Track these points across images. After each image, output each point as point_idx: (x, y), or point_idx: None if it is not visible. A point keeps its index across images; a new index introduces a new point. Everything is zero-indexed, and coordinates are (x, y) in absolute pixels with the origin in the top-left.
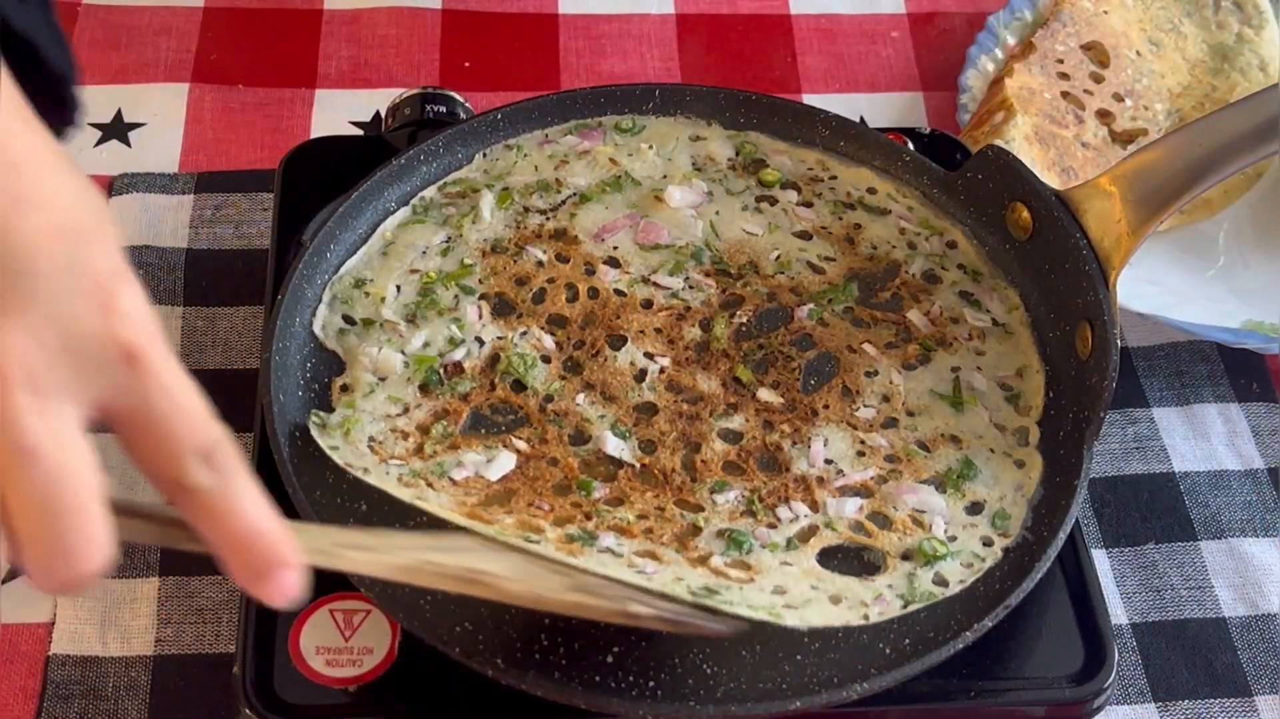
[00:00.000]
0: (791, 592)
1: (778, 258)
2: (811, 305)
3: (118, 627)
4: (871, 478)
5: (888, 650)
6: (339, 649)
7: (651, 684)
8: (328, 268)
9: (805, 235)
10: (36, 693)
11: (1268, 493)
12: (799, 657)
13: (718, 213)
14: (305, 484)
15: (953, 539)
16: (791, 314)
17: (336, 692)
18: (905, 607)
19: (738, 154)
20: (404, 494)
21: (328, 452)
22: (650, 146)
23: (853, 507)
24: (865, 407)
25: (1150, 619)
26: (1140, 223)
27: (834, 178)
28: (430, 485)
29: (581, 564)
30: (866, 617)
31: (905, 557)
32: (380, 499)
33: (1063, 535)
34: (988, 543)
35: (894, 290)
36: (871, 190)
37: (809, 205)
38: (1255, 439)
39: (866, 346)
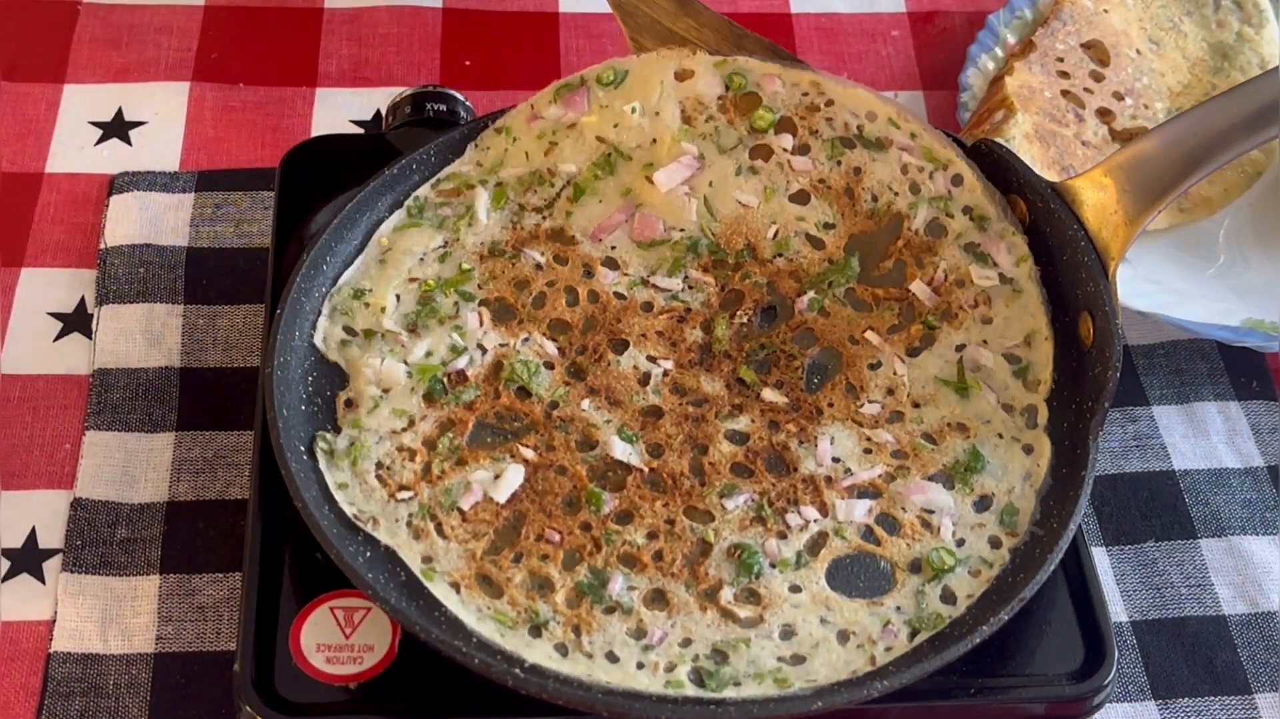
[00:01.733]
0: (800, 633)
1: (775, 235)
2: (812, 294)
3: (118, 624)
4: (880, 475)
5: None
6: (339, 647)
7: (670, 688)
8: (325, 280)
9: (803, 198)
10: (37, 691)
11: (1267, 491)
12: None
13: (711, 184)
14: (314, 498)
15: (961, 543)
16: (792, 307)
17: (337, 689)
18: (913, 637)
19: (727, 89)
20: (413, 556)
21: (335, 491)
22: (634, 109)
23: (862, 509)
24: (870, 402)
25: (1150, 617)
26: (1138, 213)
27: (830, 103)
28: (440, 527)
29: (581, 677)
30: (874, 658)
31: (914, 568)
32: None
33: (1073, 526)
34: (995, 544)
35: (897, 255)
36: (871, 116)
37: (805, 151)
38: (1255, 437)
39: (869, 335)
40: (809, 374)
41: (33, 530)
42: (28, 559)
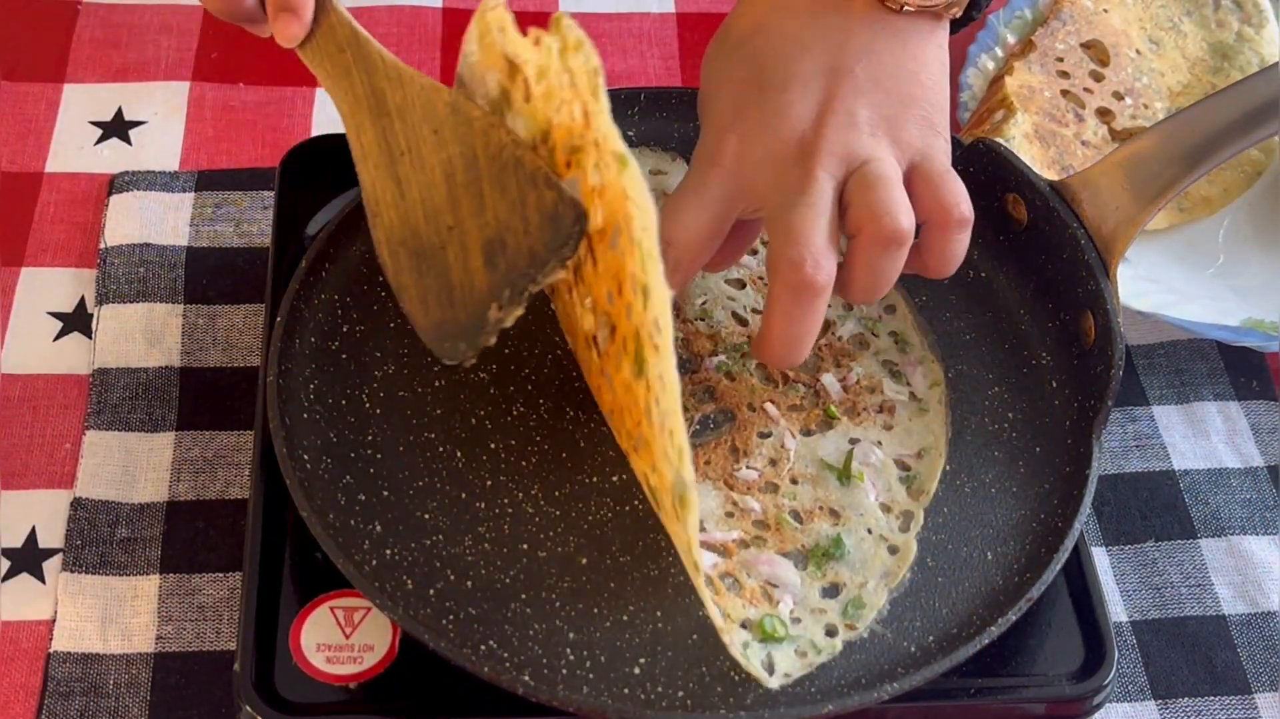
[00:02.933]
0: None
1: (703, 303)
2: (722, 358)
3: (118, 624)
4: (734, 540)
5: (913, 649)
6: (339, 646)
7: (681, 694)
8: (324, 286)
9: (739, 284)
10: (37, 690)
11: (1267, 491)
12: (826, 659)
13: None
14: (318, 507)
15: (796, 621)
16: (700, 364)
17: (337, 689)
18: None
19: None
20: None
21: None
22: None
23: (707, 562)
24: (749, 468)
25: (1150, 617)
26: (1138, 211)
27: None
28: None
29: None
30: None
31: (744, 625)
32: (394, 521)
33: (1078, 525)
34: (831, 632)
35: (816, 350)
36: None
37: (754, 253)
38: (1255, 437)
39: (769, 406)
40: (697, 429)
41: (33, 530)
42: (28, 559)
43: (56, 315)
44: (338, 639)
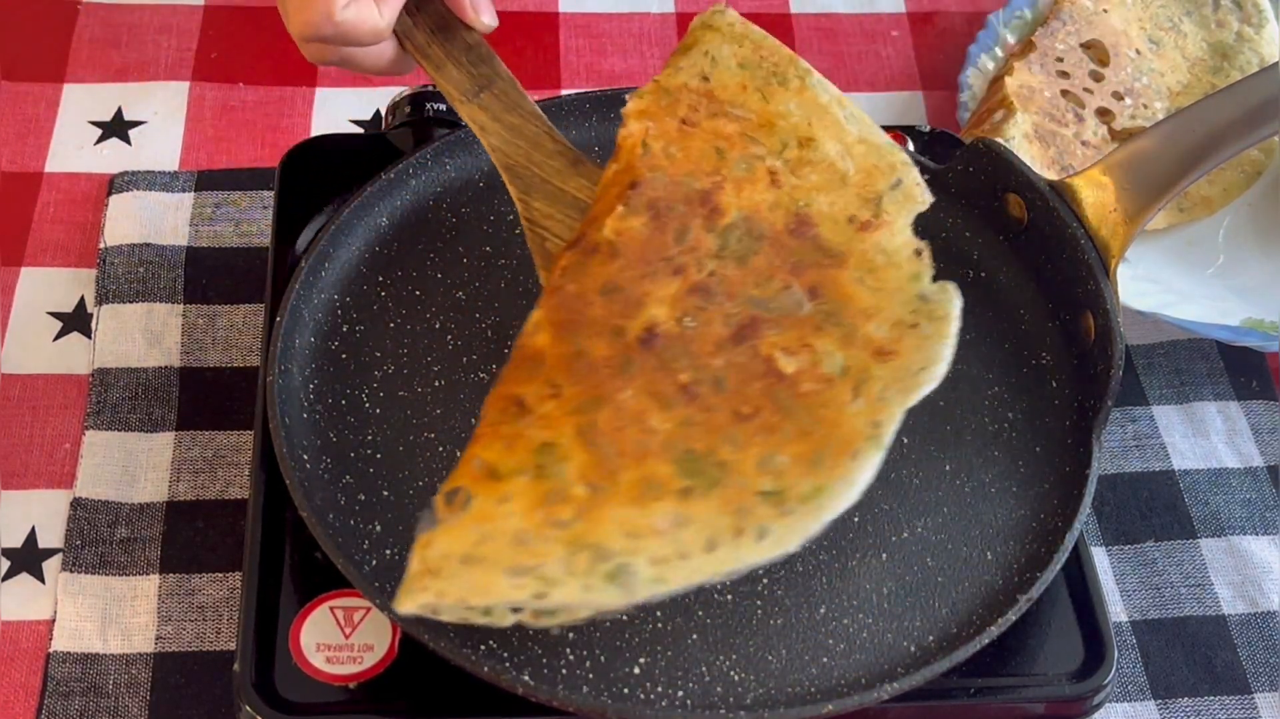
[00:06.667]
0: None
1: None
2: None
3: (118, 624)
4: None
5: (912, 648)
6: (339, 646)
7: (680, 694)
8: (324, 286)
9: None
10: (37, 690)
11: (1267, 491)
12: (825, 659)
13: None
14: (318, 507)
15: None
16: None
17: (337, 689)
18: None
19: None
20: None
21: None
22: None
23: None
24: None
25: (1150, 617)
26: (1137, 210)
27: None
28: None
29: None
30: None
31: None
32: (394, 521)
33: (1078, 525)
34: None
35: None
36: None
37: None
38: (1255, 437)
39: None
40: None
41: (32, 530)
42: (28, 559)
43: (56, 315)
44: (338, 639)
